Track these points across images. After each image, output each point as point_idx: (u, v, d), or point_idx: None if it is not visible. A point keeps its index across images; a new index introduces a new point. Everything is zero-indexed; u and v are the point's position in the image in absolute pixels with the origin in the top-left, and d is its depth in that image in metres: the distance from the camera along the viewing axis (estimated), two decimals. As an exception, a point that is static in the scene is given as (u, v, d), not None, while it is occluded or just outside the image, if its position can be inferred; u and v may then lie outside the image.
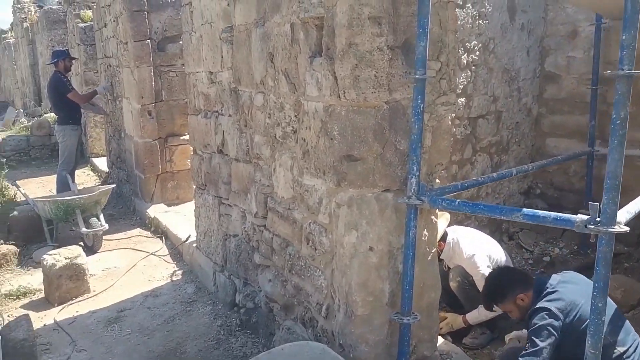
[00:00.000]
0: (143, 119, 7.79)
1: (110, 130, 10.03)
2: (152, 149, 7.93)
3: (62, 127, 8.88)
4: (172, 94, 8.00)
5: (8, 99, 26.99)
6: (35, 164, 13.07)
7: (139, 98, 7.74)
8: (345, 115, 3.20)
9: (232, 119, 4.81)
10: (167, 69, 7.94)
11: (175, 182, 8.16)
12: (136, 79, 7.73)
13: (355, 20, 3.07)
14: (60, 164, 8.99)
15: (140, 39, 7.68)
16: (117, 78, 8.88)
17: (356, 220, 3.26)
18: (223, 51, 4.82)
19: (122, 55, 8.21)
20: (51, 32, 16.25)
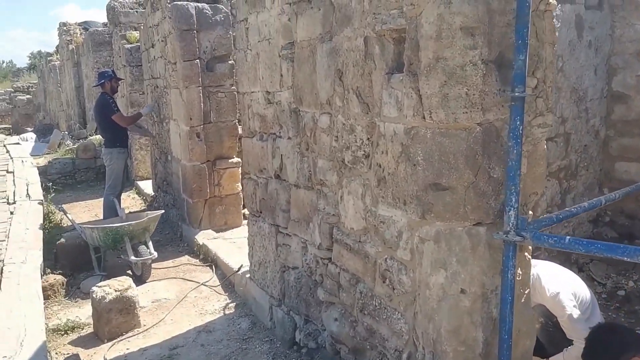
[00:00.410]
0: (191, 142, 7.51)
1: (156, 153, 9.80)
2: (200, 172, 7.64)
3: (109, 150, 8.67)
4: (221, 115, 7.72)
5: (53, 122, 27.28)
6: (81, 187, 12.95)
7: (188, 120, 7.48)
8: (431, 139, 2.82)
9: (292, 141, 4.46)
10: (215, 90, 7.67)
11: (223, 207, 7.85)
12: (185, 100, 7.47)
13: (444, 31, 2.70)
14: (107, 188, 8.78)
15: (189, 59, 7.43)
16: (164, 99, 8.65)
17: (445, 258, 2.86)
18: (282, 69, 4.49)
19: (170, 75, 7.98)
20: (96, 53, 16.26)
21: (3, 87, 38.10)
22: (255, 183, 5.30)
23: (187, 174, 7.75)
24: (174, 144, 8.33)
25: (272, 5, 4.58)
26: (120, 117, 8.58)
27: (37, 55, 52.78)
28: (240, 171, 7.91)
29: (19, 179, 9.69)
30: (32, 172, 10.33)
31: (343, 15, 3.55)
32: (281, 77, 4.54)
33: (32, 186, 9.29)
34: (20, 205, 8.26)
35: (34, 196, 8.74)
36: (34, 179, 9.73)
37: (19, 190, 9.04)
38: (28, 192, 8.91)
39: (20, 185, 9.31)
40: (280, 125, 4.66)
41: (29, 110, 32.94)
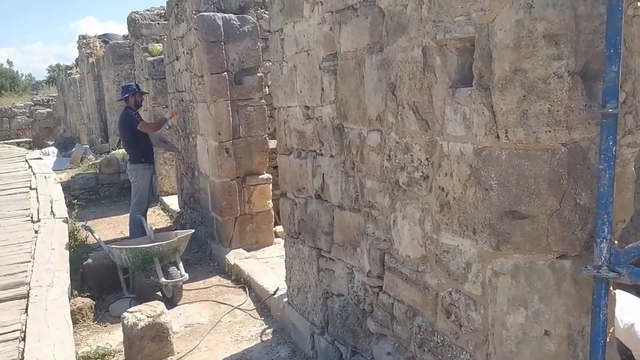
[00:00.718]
0: (220, 157, 7.24)
1: (182, 168, 9.55)
2: (230, 189, 7.36)
3: (134, 165, 8.44)
4: (250, 130, 7.45)
5: (74, 135, 27.23)
6: (105, 202, 12.75)
7: (216, 134, 7.21)
8: (507, 160, 2.51)
9: (334, 160, 4.16)
10: (244, 103, 7.40)
11: (254, 225, 7.56)
12: (213, 114, 7.21)
13: (524, 39, 2.39)
14: (132, 205, 8.55)
15: (217, 72, 7.17)
16: (191, 113, 8.40)
17: (524, 294, 2.54)
18: (324, 82, 4.19)
19: (197, 89, 7.72)
20: (117, 66, 16.12)
21: (23, 100, 38.20)
22: (293, 203, 5.00)
23: (216, 191, 7.48)
24: (202, 159, 8.08)
25: (311, 14, 4.29)
26: (145, 124, 8.35)
27: (56, 69, 53.03)
28: (270, 188, 7.64)
29: (42, 196, 9.48)
30: (56, 188, 10.12)
31: (396, 23, 3.25)
32: (322, 91, 4.25)
33: (56, 203, 9.06)
34: (45, 224, 8.03)
35: (59, 214, 8.51)
36: (58, 196, 9.51)
37: (43, 207, 8.82)
38: (52, 210, 8.69)
39: (44, 202, 9.09)
40: (321, 142, 4.36)
41: (49, 123, 32.93)
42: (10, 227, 7.93)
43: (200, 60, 7.34)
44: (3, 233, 7.68)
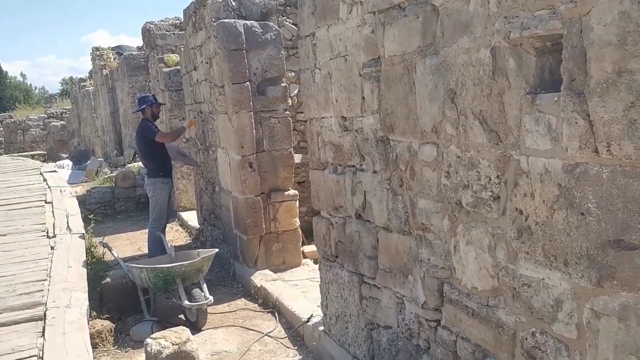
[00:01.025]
0: (244, 172, 6.85)
1: (201, 183, 9.16)
2: (254, 206, 6.95)
3: (152, 180, 8.07)
4: (275, 143, 7.05)
5: (88, 148, 27.01)
6: (121, 217, 12.40)
7: (239, 148, 6.81)
8: (609, 179, 2.09)
9: (378, 176, 3.75)
10: (268, 115, 7.01)
11: (280, 245, 7.15)
12: (235, 126, 6.81)
13: (631, 34, 1.96)
14: (151, 221, 8.17)
15: (239, 81, 6.78)
16: (210, 125, 8.02)
17: (636, 341, 2.10)
18: (364, 91, 3.78)
19: (217, 100, 7.34)
20: (132, 78, 15.82)
21: (36, 113, 38.14)
22: (328, 223, 4.59)
23: (239, 208, 7.08)
24: (223, 174, 7.68)
25: (349, 16, 3.89)
26: (163, 134, 7.99)
27: (69, 81, 53.14)
28: (297, 205, 7.23)
29: (58, 210, 9.11)
30: (72, 202, 9.75)
31: (454, 22, 2.84)
32: (363, 100, 3.84)
33: (73, 218, 8.69)
34: (61, 240, 7.65)
35: (75, 229, 8.13)
36: (74, 210, 9.14)
37: (58, 222, 8.45)
38: (68, 225, 8.31)
39: (59, 217, 8.72)
40: (362, 156, 3.95)
41: (63, 136, 32.80)
42: (26, 243, 7.57)
43: (221, 70, 6.96)
44: (18, 249, 7.31)
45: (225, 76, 6.85)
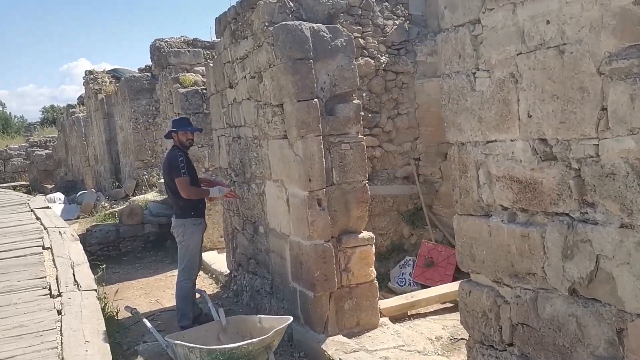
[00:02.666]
0: (312, 212, 5.40)
1: (235, 222, 7.69)
2: (325, 254, 5.50)
3: (182, 220, 6.62)
4: (346, 175, 5.63)
5: (77, 178, 25.38)
6: (127, 259, 10.83)
7: (305, 182, 5.38)
8: None
9: (634, 234, 2.31)
10: (337, 140, 5.60)
11: (354, 302, 5.69)
12: (300, 154, 5.38)
13: None
14: (180, 271, 6.71)
15: (306, 98, 5.37)
16: (255, 154, 6.57)
17: None
18: (609, 97, 2.38)
19: (270, 122, 5.92)
20: (134, 102, 14.36)
21: (16, 142, 36.55)
22: (495, 295, 3.15)
23: (303, 257, 5.61)
24: (274, 212, 6.23)
25: (568, -15, 2.49)
26: (185, 183, 6.48)
27: (50, 110, 51.83)
28: (373, 250, 5.79)
29: (60, 259, 7.55)
30: (76, 247, 8.20)
31: None
32: (602, 113, 2.43)
33: (80, 269, 7.13)
34: (69, 300, 6.09)
35: (85, 284, 6.58)
36: (80, 258, 7.58)
37: (63, 275, 6.89)
38: (75, 279, 6.76)
39: (63, 267, 7.17)
40: (587, 201, 2.53)
41: (48, 166, 31.20)
42: (24, 306, 6.01)
43: (280, 85, 5.54)
44: (15, 315, 5.77)
45: (287, 92, 5.43)
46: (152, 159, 14.76)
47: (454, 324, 6.16)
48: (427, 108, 8.09)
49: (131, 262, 10.66)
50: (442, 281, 7.34)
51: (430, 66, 8.03)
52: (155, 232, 11.23)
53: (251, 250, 7.24)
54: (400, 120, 8.21)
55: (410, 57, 8.17)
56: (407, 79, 8.17)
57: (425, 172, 8.35)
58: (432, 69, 7.98)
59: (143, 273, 9.76)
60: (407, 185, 8.27)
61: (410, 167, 8.28)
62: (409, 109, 8.26)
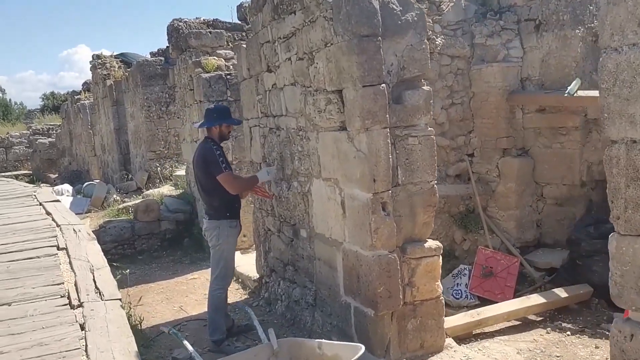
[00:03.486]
0: (375, 217, 4.59)
1: (269, 222, 6.89)
2: (389, 267, 4.70)
3: (216, 222, 5.86)
4: (413, 174, 4.82)
5: (82, 168, 24.55)
6: (142, 258, 10.03)
7: (369, 182, 4.57)
8: None
9: None
10: (404, 133, 4.79)
11: (417, 321, 4.90)
12: (364, 149, 4.57)
13: None
14: (213, 279, 5.96)
15: (373, 83, 4.56)
16: (298, 147, 5.77)
17: None
18: None
19: (322, 111, 5.11)
20: (147, 89, 13.52)
21: (17, 129, 35.74)
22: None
23: (363, 269, 4.81)
24: (323, 215, 5.43)
25: None
26: (230, 178, 5.75)
27: (50, 97, 51.11)
28: (440, 261, 4.99)
29: (77, 261, 6.71)
30: (93, 248, 7.35)
31: None
32: None
33: (100, 274, 6.29)
34: (92, 312, 5.25)
35: (107, 292, 5.72)
36: (99, 262, 6.73)
37: (82, 281, 6.04)
38: (97, 285, 5.91)
39: (82, 272, 6.32)
40: None
41: (51, 154, 30.41)
42: (42, 319, 5.16)
43: (339, 67, 4.72)
44: (34, 330, 4.92)
45: (348, 76, 4.61)
46: (165, 149, 13.94)
47: (527, 347, 5.40)
48: (484, 97, 7.25)
49: (147, 261, 9.87)
50: (503, 294, 6.54)
51: (490, 50, 7.19)
52: (172, 229, 10.44)
53: (289, 255, 6.44)
54: (455, 110, 7.36)
55: (466, 39, 7.31)
56: (463, 64, 7.32)
57: (479, 169, 7.51)
58: (492, 53, 7.14)
59: (162, 275, 8.98)
60: (459, 184, 7.45)
61: (464, 164, 7.45)
62: (464, 98, 7.42)
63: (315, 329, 5.78)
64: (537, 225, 7.41)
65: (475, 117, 7.46)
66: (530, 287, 6.80)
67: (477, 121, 7.46)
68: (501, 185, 7.32)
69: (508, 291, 6.54)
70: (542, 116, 7.11)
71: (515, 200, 7.25)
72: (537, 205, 7.39)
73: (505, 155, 7.34)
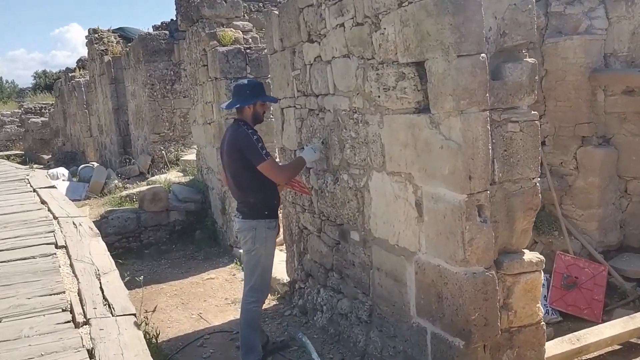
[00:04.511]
0: (470, 225, 3.59)
1: (305, 219, 5.90)
2: (486, 288, 3.71)
3: (252, 223, 4.88)
4: (512, 170, 3.83)
5: (77, 149, 23.46)
6: (149, 252, 9.02)
7: (463, 179, 3.57)
8: None
9: None
10: (502, 117, 3.78)
11: (515, 353, 3.93)
12: (457, 138, 3.57)
13: None
14: (247, 290, 4.99)
15: (470, 52, 3.53)
16: (351, 132, 4.76)
17: None
18: None
19: (391, 88, 4.08)
20: (150, 65, 12.43)
21: (9, 108, 34.72)
22: None
23: (450, 288, 3.82)
24: (386, 217, 4.44)
25: None
26: (275, 166, 4.79)
27: (42, 75, 50.18)
28: (542, 278, 4.00)
29: (80, 264, 5.64)
30: (97, 246, 6.26)
31: None
32: None
33: (108, 280, 5.22)
34: (102, 332, 4.20)
35: (119, 305, 4.64)
36: (106, 263, 5.66)
37: (87, 290, 4.96)
38: (104, 295, 4.84)
39: (86, 278, 5.26)
40: None
41: (44, 134, 29.38)
42: (41, 341, 4.09)
43: (421, 32, 3.70)
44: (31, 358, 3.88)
45: (437, 43, 3.59)
46: (170, 131, 12.87)
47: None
48: (560, 76, 6.20)
49: (155, 256, 8.85)
50: (590, 309, 5.55)
51: (569, 20, 6.12)
52: (182, 220, 9.42)
53: (333, 260, 5.44)
54: (524, 91, 6.31)
55: (540, 6, 6.20)
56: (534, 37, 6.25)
57: (552, 161, 6.46)
58: (572, 24, 6.07)
59: (173, 273, 7.98)
60: (529, 177, 6.40)
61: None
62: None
63: (371, 351, 4.80)
64: (620, 226, 6.38)
65: (547, 100, 6.40)
66: (621, 301, 5.77)
67: (549, 104, 6.40)
68: (580, 179, 6.27)
69: (596, 306, 5.54)
70: (630, 99, 6.04)
71: (598, 198, 6.19)
72: (620, 202, 6.34)
73: (585, 144, 6.28)
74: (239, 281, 7.37)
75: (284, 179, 4.95)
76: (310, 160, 5.19)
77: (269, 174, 4.75)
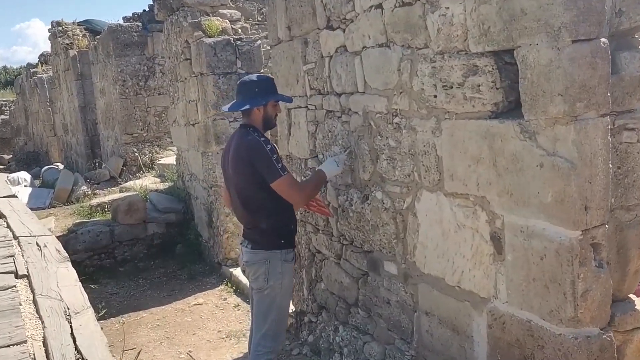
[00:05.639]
0: (584, 271, 2.66)
1: (319, 241, 4.92)
2: (604, 355, 2.79)
3: (265, 254, 3.91)
4: (626, 193, 2.94)
5: (39, 149, 22.12)
6: (125, 271, 7.94)
7: (577, 210, 2.64)
8: None
9: None
10: (616, 123, 2.82)
11: None
12: (567, 154, 2.64)
13: None
14: (261, 336, 3.98)
15: (589, 36, 2.57)
16: (388, 141, 3.80)
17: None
18: None
19: (455, 86, 3.11)
20: (121, 59, 11.29)
21: (-34, 105, 33.10)
22: None
23: (548, 355, 2.89)
24: (439, 249, 3.49)
25: None
26: (293, 184, 3.82)
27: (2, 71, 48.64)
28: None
29: (46, 300, 4.50)
30: (67, 275, 5.07)
31: None
32: None
33: (81, 322, 4.09)
34: None
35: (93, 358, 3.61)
36: (78, 299, 4.49)
37: (55, 338, 3.83)
38: (77, 347, 3.76)
39: (53, 321, 4.11)
40: None
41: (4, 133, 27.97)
42: None
43: (511, 9, 2.75)
44: None
45: (537, 24, 2.64)
46: (143, 132, 11.74)
47: None
48: None
49: (131, 275, 7.77)
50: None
51: None
52: (161, 233, 8.36)
53: (357, 294, 4.46)
54: None
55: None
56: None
57: None
58: None
59: (154, 297, 6.93)
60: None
61: None
62: None
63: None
64: None
65: None
66: None
67: None
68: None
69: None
70: None
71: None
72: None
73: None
74: (232, 307, 6.36)
75: (304, 200, 3.97)
76: (331, 174, 4.19)
77: (286, 194, 3.76)
